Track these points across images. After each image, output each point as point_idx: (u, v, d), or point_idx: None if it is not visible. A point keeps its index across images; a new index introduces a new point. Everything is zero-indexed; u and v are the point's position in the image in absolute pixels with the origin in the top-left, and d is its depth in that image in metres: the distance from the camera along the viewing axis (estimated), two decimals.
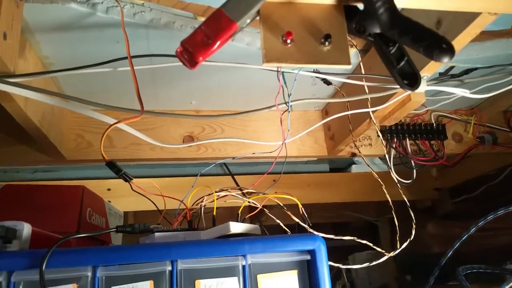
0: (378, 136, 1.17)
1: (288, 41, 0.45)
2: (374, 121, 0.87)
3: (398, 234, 0.83)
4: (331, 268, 0.57)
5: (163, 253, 0.52)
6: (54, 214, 0.87)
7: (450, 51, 0.46)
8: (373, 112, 0.85)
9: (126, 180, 0.62)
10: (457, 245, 0.97)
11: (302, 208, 0.63)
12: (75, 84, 0.93)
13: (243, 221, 0.61)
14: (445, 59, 0.46)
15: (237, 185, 1.54)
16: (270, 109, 0.64)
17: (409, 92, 0.69)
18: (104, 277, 0.51)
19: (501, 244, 1.35)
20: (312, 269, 0.56)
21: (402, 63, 0.51)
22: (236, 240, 0.56)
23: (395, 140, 1.16)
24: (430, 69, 0.66)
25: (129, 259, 0.51)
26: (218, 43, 0.42)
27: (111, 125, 0.59)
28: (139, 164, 1.28)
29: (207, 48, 0.42)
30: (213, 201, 0.63)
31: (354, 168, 1.76)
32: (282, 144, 0.71)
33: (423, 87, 0.73)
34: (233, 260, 0.54)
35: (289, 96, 0.62)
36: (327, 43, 0.47)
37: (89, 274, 0.51)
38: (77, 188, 0.91)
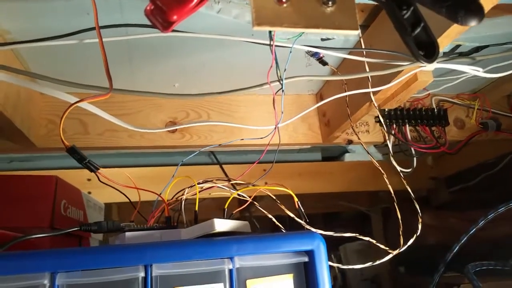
0: (376, 122, 1.10)
1: None
2: (375, 104, 0.79)
3: (401, 228, 0.76)
4: None
5: (135, 256, 0.43)
6: (25, 207, 0.79)
7: (478, 12, 0.38)
8: (374, 93, 0.77)
9: (91, 170, 0.53)
10: (464, 240, 0.90)
11: (298, 202, 0.55)
12: (41, 63, 0.83)
13: (230, 217, 0.53)
14: (472, 22, 0.38)
15: (226, 175, 1.47)
16: (262, 87, 0.55)
17: (424, 65, 0.61)
18: (64, 286, 0.43)
19: (500, 236, 1.29)
20: (310, 272, 0.49)
21: (418, 29, 0.43)
22: (222, 240, 0.48)
23: (394, 126, 1.08)
24: (445, 39, 0.58)
25: (94, 264, 0.43)
26: None
27: (72, 105, 0.50)
28: (118, 153, 1.19)
29: (183, 4, 0.33)
30: (196, 194, 0.55)
31: (348, 157, 1.69)
32: (275, 128, 0.62)
33: (432, 64, 0.65)
34: (218, 264, 0.46)
35: (283, 72, 0.54)
36: (330, 3, 0.39)
37: (46, 282, 0.42)
38: (50, 178, 0.83)
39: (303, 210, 0.55)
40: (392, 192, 0.81)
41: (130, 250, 0.44)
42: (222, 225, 0.49)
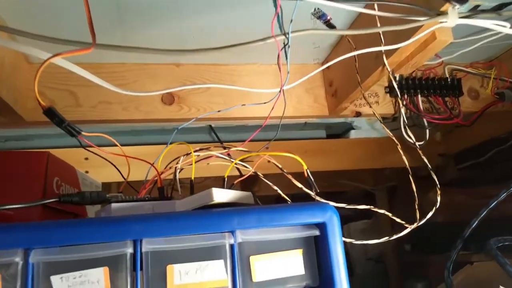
0: (386, 92, 1.03)
1: None
2: (389, 69, 0.72)
3: (417, 202, 0.70)
4: None
5: (122, 229, 0.38)
6: (16, 184, 0.74)
7: None
8: (387, 56, 0.71)
9: (72, 135, 0.47)
10: (484, 214, 0.85)
11: (308, 170, 0.49)
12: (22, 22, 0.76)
13: (231, 187, 0.47)
14: None
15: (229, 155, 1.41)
16: (265, 41, 0.49)
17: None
18: (40, 264, 0.37)
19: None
20: (322, 247, 0.43)
21: None
22: (222, 211, 0.42)
23: (406, 96, 1.02)
24: None
25: (73, 239, 0.37)
26: None
27: (46, 60, 0.43)
28: (114, 131, 1.13)
29: None
30: (192, 164, 0.49)
31: (353, 134, 1.63)
32: (280, 91, 0.56)
33: (453, 19, 0.59)
34: (217, 238, 0.40)
35: (290, 25, 0.47)
36: None
37: (19, 260, 0.37)
38: (41, 154, 0.77)
39: (313, 180, 0.50)
40: (408, 165, 0.75)
41: (115, 222, 0.38)
42: (221, 195, 0.43)
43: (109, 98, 0.89)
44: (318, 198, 0.47)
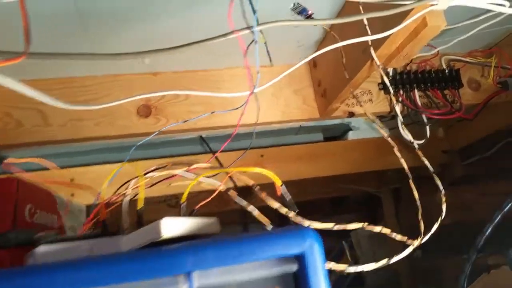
0: (380, 89, 0.96)
1: None
2: (377, 62, 0.65)
3: (420, 211, 0.63)
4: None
5: (43, 282, 0.30)
6: None
7: None
8: (375, 48, 0.64)
9: None
10: (507, 208, 0.77)
11: (283, 186, 0.41)
12: None
13: (191, 213, 0.40)
14: None
15: (221, 165, 1.34)
16: (226, 37, 0.42)
17: (436, 2, 0.48)
18: None
19: None
20: (302, 285, 0.35)
21: None
22: (172, 249, 0.34)
23: (401, 92, 0.95)
24: None
25: None
26: None
27: None
28: (92, 149, 1.06)
29: None
30: (148, 187, 0.42)
31: (351, 135, 1.57)
32: (251, 94, 0.49)
33: (445, 1, 0.52)
34: (169, 284, 0.32)
35: (253, 16, 0.40)
36: None
37: None
38: (9, 181, 0.71)
39: (290, 198, 0.42)
40: (407, 168, 0.68)
41: (35, 273, 0.30)
42: (173, 228, 0.35)
43: (81, 114, 0.82)
44: (297, 219, 0.40)
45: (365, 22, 0.59)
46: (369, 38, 0.56)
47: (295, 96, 0.92)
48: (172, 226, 0.35)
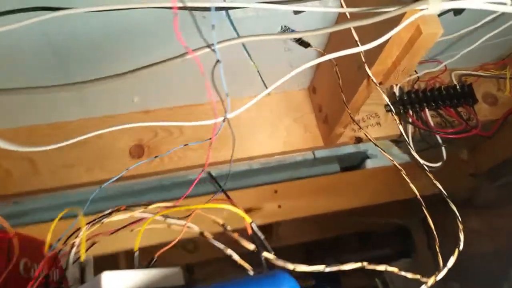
0: (388, 111, 0.90)
1: None
2: (374, 80, 0.60)
3: (437, 242, 0.55)
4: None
5: None
6: None
7: None
8: (369, 63, 0.59)
9: None
10: None
11: (253, 224, 0.35)
12: None
13: (150, 263, 0.34)
14: None
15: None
16: (183, 58, 0.37)
17: (426, 7, 0.43)
18: None
19: None
20: None
21: None
22: None
23: (411, 112, 0.88)
24: None
25: None
26: None
27: None
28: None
29: None
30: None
31: (369, 163, 1.49)
32: (224, 120, 0.44)
33: (435, 4, 0.47)
34: None
35: (212, 33, 0.36)
36: None
37: None
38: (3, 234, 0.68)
39: (263, 237, 0.35)
40: (419, 195, 0.61)
41: None
42: (118, 282, 0.29)
43: (71, 160, 0.79)
44: (281, 262, 0.33)
45: (353, 32, 0.54)
46: (359, 49, 0.50)
47: (296, 124, 0.86)
48: (117, 281, 0.30)
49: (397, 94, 0.88)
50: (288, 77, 0.48)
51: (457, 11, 0.71)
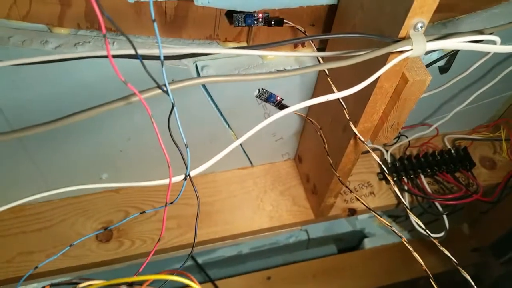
0: (381, 179, 0.83)
1: None
2: (361, 138, 0.54)
3: None
4: None
5: None
6: None
7: None
8: (353, 120, 0.53)
9: None
10: None
11: None
12: None
13: None
14: None
15: None
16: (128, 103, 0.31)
17: (410, 48, 0.39)
18: None
19: None
20: None
21: None
22: None
23: (406, 180, 0.82)
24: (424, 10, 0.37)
25: None
26: None
27: None
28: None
29: None
30: None
31: (367, 243, 1.40)
32: (185, 178, 0.37)
33: (421, 45, 0.42)
34: None
35: (162, 72, 0.30)
36: None
37: None
38: None
39: None
40: (426, 268, 0.53)
41: None
42: None
43: (30, 246, 0.70)
44: None
45: (327, 72, 0.49)
46: (338, 95, 0.45)
47: (282, 197, 0.79)
48: None
49: (389, 161, 0.83)
50: (260, 127, 0.42)
51: (443, 69, 0.68)
